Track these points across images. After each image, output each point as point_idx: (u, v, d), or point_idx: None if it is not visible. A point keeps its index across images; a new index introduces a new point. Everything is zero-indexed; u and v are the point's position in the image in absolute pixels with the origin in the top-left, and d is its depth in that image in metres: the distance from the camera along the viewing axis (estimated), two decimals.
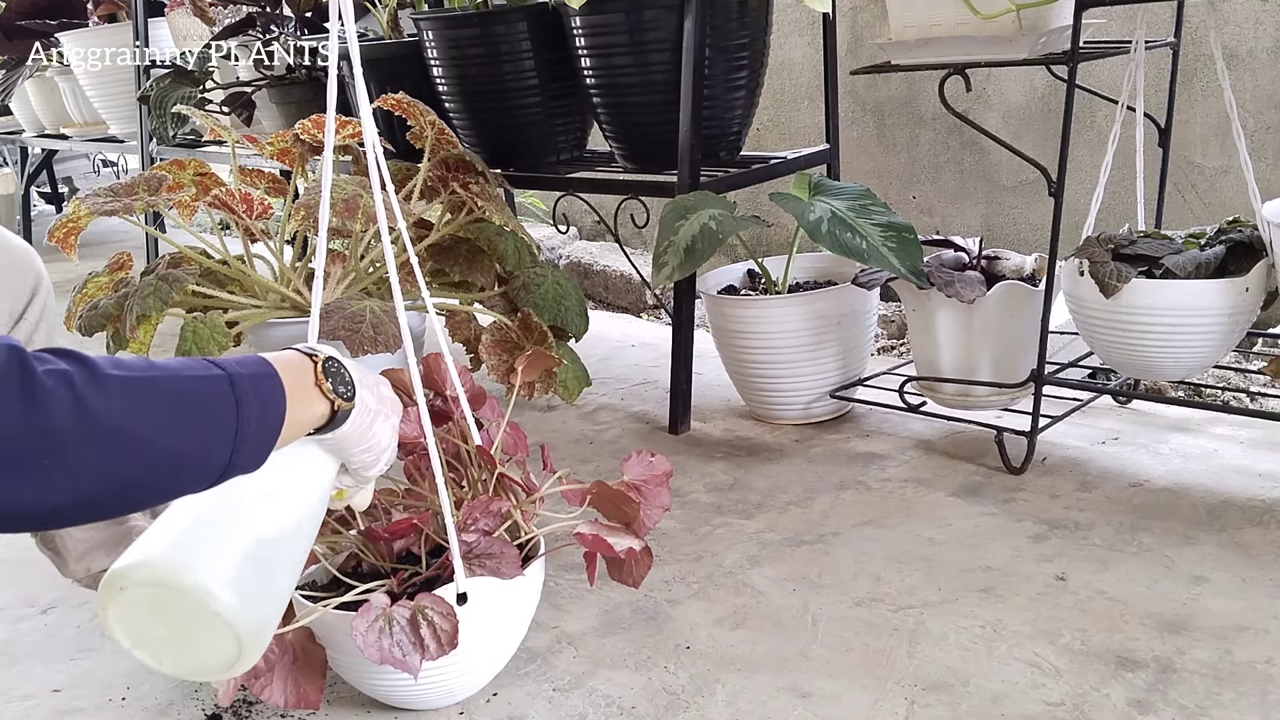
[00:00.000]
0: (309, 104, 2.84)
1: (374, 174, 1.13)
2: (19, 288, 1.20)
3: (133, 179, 1.97)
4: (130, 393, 0.73)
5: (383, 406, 1.00)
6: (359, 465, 1.00)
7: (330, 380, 0.91)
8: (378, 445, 1.00)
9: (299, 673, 1.17)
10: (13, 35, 3.66)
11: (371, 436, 0.98)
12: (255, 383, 0.83)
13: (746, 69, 2.09)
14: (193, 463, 0.77)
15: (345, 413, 0.93)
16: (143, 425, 0.73)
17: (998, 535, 1.56)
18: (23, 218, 4.80)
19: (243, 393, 0.81)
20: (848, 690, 1.24)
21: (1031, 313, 1.77)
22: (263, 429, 0.83)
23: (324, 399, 0.91)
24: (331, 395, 0.91)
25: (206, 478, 0.80)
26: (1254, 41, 2.06)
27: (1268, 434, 1.80)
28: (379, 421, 0.99)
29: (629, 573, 1.27)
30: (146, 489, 0.76)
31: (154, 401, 0.75)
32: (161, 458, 0.75)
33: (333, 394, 0.91)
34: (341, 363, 0.94)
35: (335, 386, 0.92)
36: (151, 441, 0.74)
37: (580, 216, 3.28)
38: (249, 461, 0.82)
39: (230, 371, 0.81)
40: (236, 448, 0.80)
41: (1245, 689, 1.19)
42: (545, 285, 2.03)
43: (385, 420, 1.01)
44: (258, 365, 0.85)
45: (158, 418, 0.74)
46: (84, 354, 0.72)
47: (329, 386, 0.91)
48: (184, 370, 0.79)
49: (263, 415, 0.83)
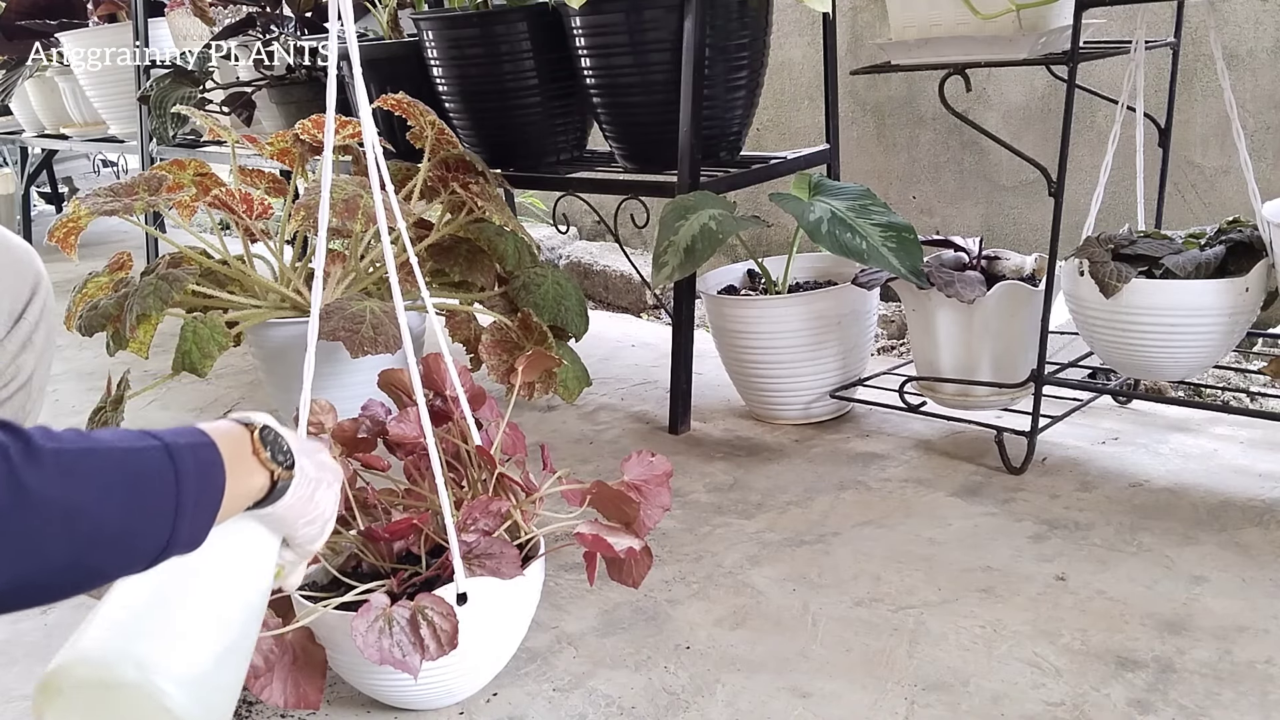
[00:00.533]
0: (309, 104, 2.84)
1: (374, 174, 1.13)
2: (18, 287, 1.20)
3: (133, 179, 1.96)
4: (64, 465, 0.69)
5: (323, 474, 0.95)
6: (303, 539, 0.96)
7: (268, 449, 0.86)
8: (321, 515, 0.95)
9: (299, 673, 1.17)
10: (13, 35, 3.67)
11: (315, 506, 0.94)
12: (194, 453, 0.78)
13: (746, 69, 2.09)
14: (133, 538, 0.73)
15: (285, 483, 0.88)
16: (78, 498, 0.69)
17: (998, 535, 1.56)
18: (23, 218, 4.80)
19: (181, 464, 0.76)
20: (848, 690, 1.24)
21: (1031, 313, 1.77)
22: (202, 502, 0.78)
23: (263, 469, 0.86)
24: (270, 465, 0.86)
25: (147, 555, 0.75)
26: (1254, 41, 2.06)
27: (1268, 434, 1.80)
28: (321, 490, 0.94)
29: (629, 573, 1.27)
30: (86, 568, 0.71)
31: (89, 473, 0.70)
32: (101, 533, 0.70)
33: (271, 463, 0.86)
34: (278, 430, 0.89)
35: (274, 455, 0.86)
36: (90, 516, 0.70)
37: (580, 216, 3.28)
38: (190, 537, 0.78)
39: (168, 442, 0.76)
40: (177, 522, 0.75)
41: (1245, 689, 1.19)
42: (545, 285, 2.03)
43: (327, 488, 0.96)
44: (194, 435, 0.80)
45: (94, 490, 0.70)
46: (19, 426, 0.69)
47: (267, 455, 0.86)
48: (120, 441, 0.74)
49: (202, 487, 0.78)
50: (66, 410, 2.47)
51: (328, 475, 0.96)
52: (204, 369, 1.78)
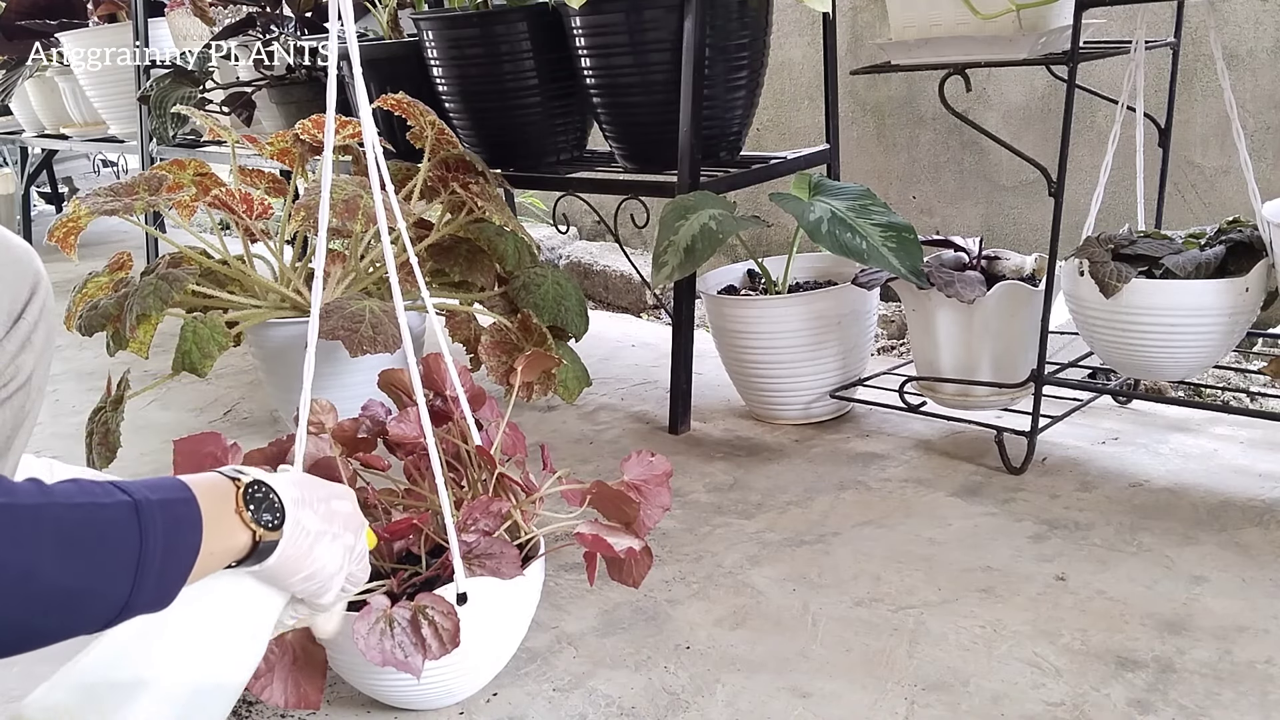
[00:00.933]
0: (309, 104, 2.84)
1: (374, 174, 1.13)
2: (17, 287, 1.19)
3: (133, 179, 1.96)
4: (15, 520, 0.66)
5: (330, 526, 0.91)
6: (305, 594, 0.92)
7: (252, 508, 0.83)
8: (322, 572, 0.91)
9: (299, 673, 1.17)
10: (13, 35, 3.67)
11: (311, 563, 0.89)
12: (166, 509, 0.75)
13: (746, 69, 2.09)
14: (86, 600, 0.70)
15: (270, 543, 0.85)
16: (29, 558, 0.66)
17: (998, 535, 1.56)
18: (23, 218, 4.80)
19: (148, 521, 0.73)
20: (848, 690, 1.24)
21: (1031, 313, 1.77)
22: (170, 561, 0.75)
23: (245, 528, 0.82)
24: (252, 525, 0.83)
25: (102, 617, 0.72)
26: (1254, 41, 2.06)
27: (1268, 434, 1.80)
28: (321, 545, 0.90)
29: (629, 573, 1.27)
30: (29, 629, 0.69)
31: (43, 532, 0.67)
32: (50, 595, 0.68)
33: (254, 524, 0.83)
34: (270, 486, 0.85)
35: (258, 515, 0.83)
36: (37, 576, 0.67)
37: (580, 216, 3.28)
38: (154, 598, 0.74)
39: (137, 498, 0.74)
40: (138, 582, 0.72)
41: (1245, 689, 1.19)
42: (545, 285, 2.03)
43: (333, 541, 0.91)
44: (172, 490, 0.78)
45: (47, 550, 0.67)
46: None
47: (250, 515, 0.82)
48: (82, 497, 0.71)
49: (171, 545, 0.75)
50: (66, 410, 2.47)
51: (335, 527, 0.92)
52: (204, 369, 1.78)
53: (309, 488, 0.91)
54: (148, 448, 2.17)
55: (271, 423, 2.21)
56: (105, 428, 1.81)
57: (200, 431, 1.27)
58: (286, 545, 0.86)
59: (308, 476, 0.93)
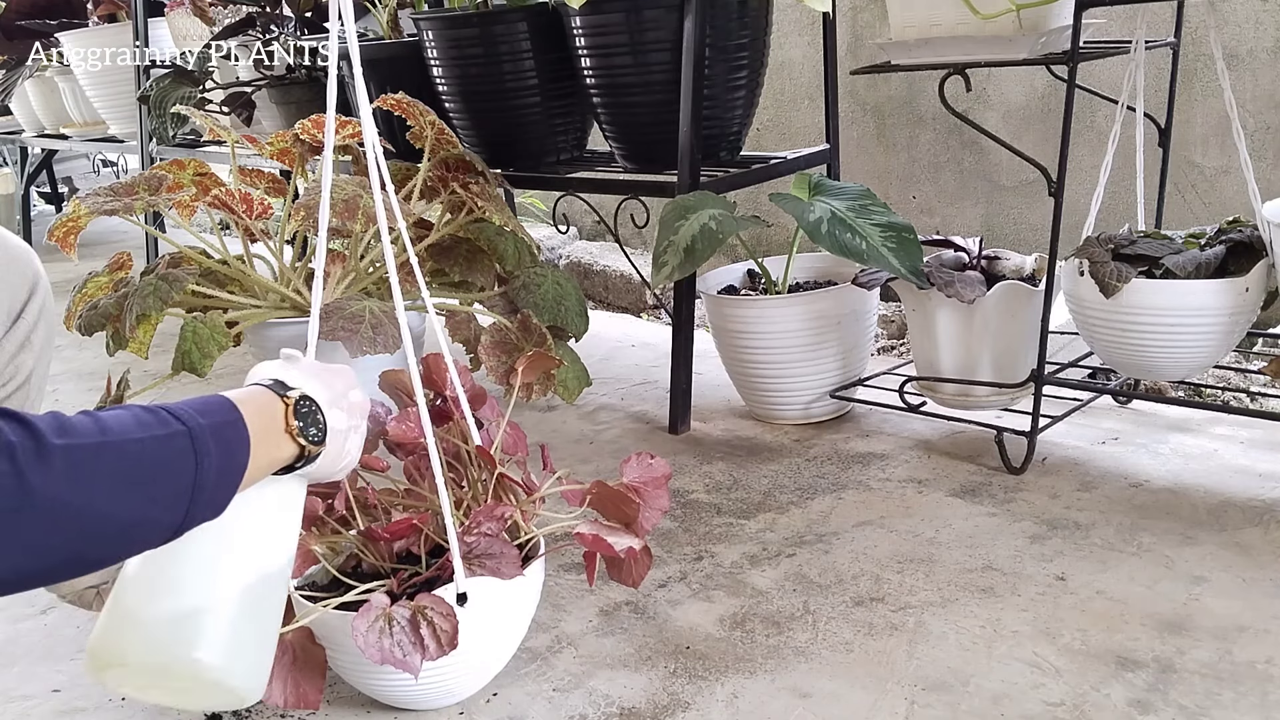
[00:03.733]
0: (309, 104, 2.84)
1: (374, 174, 1.13)
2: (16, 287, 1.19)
3: (133, 179, 1.96)
4: (74, 462, 0.69)
5: (353, 419, 0.96)
6: (331, 476, 0.98)
7: (301, 423, 0.87)
8: (351, 461, 0.97)
9: (299, 673, 1.17)
10: (13, 35, 3.67)
11: (346, 455, 0.95)
12: (217, 432, 0.79)
13: (746, 69, 2.09)
14: (142, 528, 0.74)
15: (315, 455, 0.90)
16: (87, 496, 0.69)
17: (998, 535, 1.56)
18: (23, 218, 4.80)
19: (202, 446, 0.77)
20: (848, 690, 1.24)
21: (1031, 313, 1.77)
22: (222, 481, 0.80)
23: (293, 443, 0.87)
24: (301, 439, 0.87)
25: (158, 539, 0.76)
26: (1254, 41, 2.06)
27: (1268, 434, 1.80)
28: (351, 438, 0.95)
29: (628, 573, 1.27)
30: (89, 559, 0.72)
31: (100, 469, 0.71)
32: (107, 528, 0.71)
33: (302, 437, 0.87)
34: (315, 402, 0.90)
35: (306, 429, 0.88)
36: (95, 513, 0.70)
37: (580, 216, 3.28)
38: (207, 513, 0.79)
39: (190, 425, 0.77)
40: (193, 503, 0.76)
41: (1245, 689, 1.19)
42: (545, 285, 2.03)
43: (355, 432, 0.97)
44: (221, 412, 0.81)
45: (104, 486, 0.71)
46: (32, 421, 0.69)
47: (298, 429, 0.87)
48: (136, 429, 0.75)
49: (223, 467, 0.79)
50: (66, 410, 2.46)
51: (356, 419, 0.97)
52: (204, 369, 1.78)
53: (331, 382, 0.95)
54: None
55: None
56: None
57: None
58: (328, 449, 0.92)
59: (322, 366, 0.97)
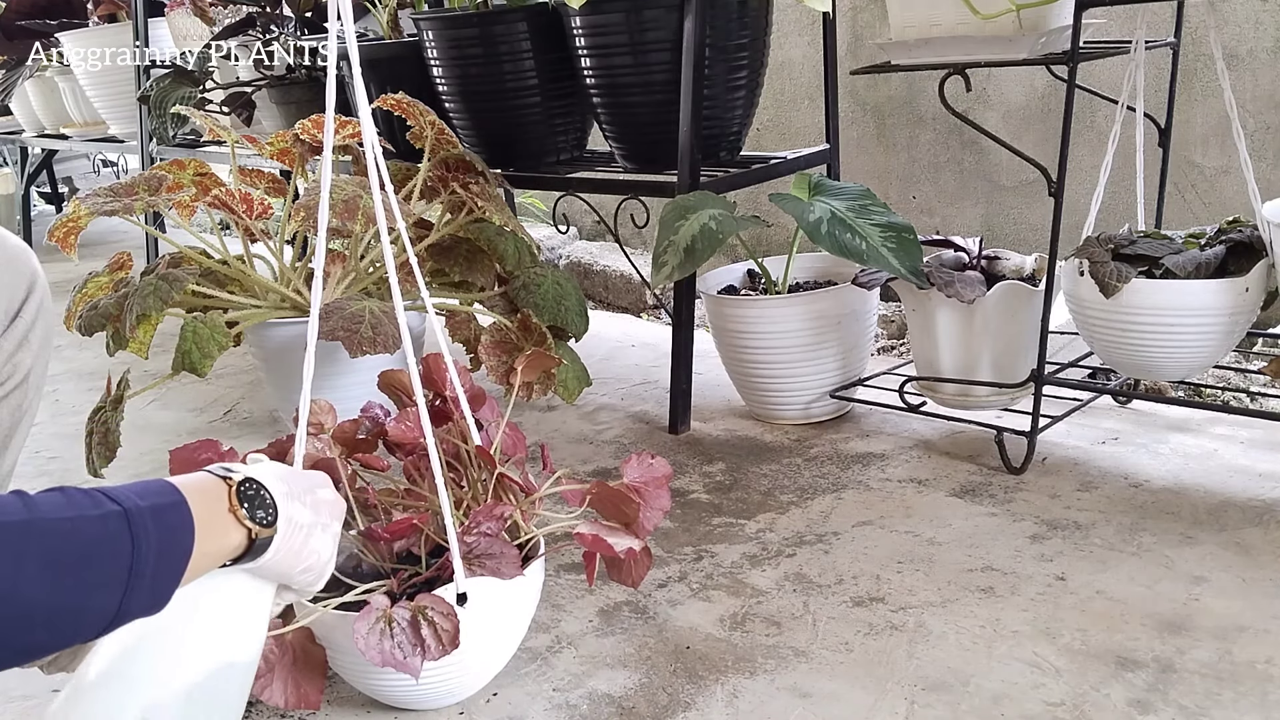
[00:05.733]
0: (309, 104, 2.84)
1: (374, 174, 1.13)
2: (14, 286, 1.19)
3: (133, 179, 1.96)
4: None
5: (319, 516, 0.92)
6: (299, 585, 0.93)
7: (246, 505, 0.83)
8: (318, 562, 0.92)
9: (299, 673, 1.17)
10: (13, 35, 3.67)
11: (309, 554, 0.90)
12: (156, 515, 0.75)
13: (746, 69, 2.09)
14: (75, 614, 0.70)
15: (266, 540, 0.85)
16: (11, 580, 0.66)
17: (998, 535, 1.56)
18: (23, 218, 4.80)
19: (140, 528, 0.73)
20: (848, 690, 1.24)
21: (1031, 313, 1.77)
22: (163, 568, 0.75)
23: (240, 526, 0.83)
24: (248, 523, 0.83)
25: (93, 627, 0.72)
26: (1254, 41, 2.06)
27: (1268, 434, 1.80)
28: (315, 535, 0.90)
29: (628, 573, 1.27)
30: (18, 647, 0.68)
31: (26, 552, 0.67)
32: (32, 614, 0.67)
33: (249, 521, 0.83)
34: (261, 483, 0.86)
35: (252, 512, 0.84)
36: (22, 599, 0.66)
37: (580, 216, 3.28)
38: (146, 605, 0.74)
39: (127, 506, 0.73)
40: (129, 593, 0.72)
41: (1245, 689, 1.19)
42: (545, 285, 2.03)
43: (324, 531, 0.92)
44: (161, 494, 0.77)
45: (31, 569, 0.67)
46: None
47: (244, 513, 0.83)
48: (68, 510, 0.71)
49: (164, 552, 0.75)
50: (66, 410, 2.47)
51: (323, 517, 0.93)
52: (204, 369, 1.77)
53: (293, 480, 0.91)
54: (147, 447, 2.17)
55: (271, 423, 2.21)
56: (105, 427, 1.81)
57: (200, 435, 1.26)
58: (281, 540, 0.87)
59: (286, 468, 0.93)
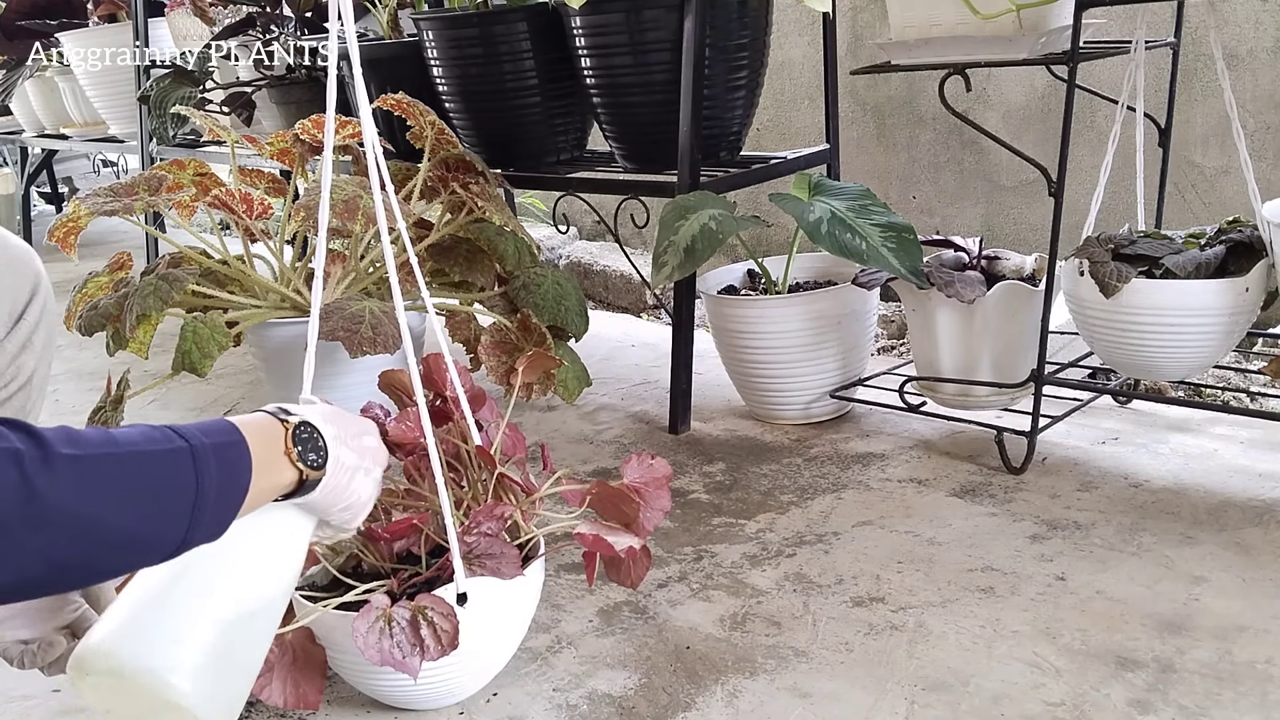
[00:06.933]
0: (309, 104, 2.84)
1: (374, 174, 1.13)
2: (18, 288, 1.19)
3: (133, 179, 1.96)
4: (80, 473, 0.70)
5: (363, 460, 0.98)
6: (338, 522, 0.99)
7: (300, 448, 0.89)
8: (358, 502, 0.98)
9: (299, 673, 1.17)
10: (13, 35, 3.67)
11: (350, 494, 0.96)
12: (219, 452, 0.80)
13: (746, 69, 2.09)
14: (144, 542, 0.75)
15: (315, 480, 0.91)
16: (92, 507, 0.71)
17: (998, 535, 1.56)
18: (23, 218, 4.80)
19: (204, 464, 0.78)
20: (848, 690, 1.24)
21: (1031, 313, 1.77)
22: (223, 501, 0.81)
23: (292, 467, 0.89)
24: (299, 464, 0.89)
25: (159, 554, 0.77)
26: (1254, 41, 2.06)
27: (1268, 434, 1.80)
28: (358, 478, 0.97)
29: (628, 573, 1.27)
30: (91, 570, 0.74)
31: (106, 481, 0.72)
32: (110, 539, 0.72)
33: (300, 462, 0.89)
34: (315, 427, 0.92)
35: (305, 454, 0.89)
36: (100, 523, 0.71)
37: (580, 216, 3.27)
38: (207, 534, 0.80)
39: (193, 442, 0.78)
40: (194, 521, 0.77)
41: (1245, 689, 1.19)
42: (545, 285, 2.03)
43: (366, 475, 0.98)
44: (223, 433, 0.82)
45: (109, 498, 0.72)
46: (39, 430, 0.70)
47: (297, 454, 0.89)
48: (143, 443, 0.76)
49: (224, 487, 0.80)
50: (66, 410, 2.47)
51: (367, 461, 0.99)
52: (204, 369, 1.78)
53: (343, 424, 0.97)
54: None
55: None
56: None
57: None
58: (329, 480, 0.93)
59: (338, 411, 0.98)
